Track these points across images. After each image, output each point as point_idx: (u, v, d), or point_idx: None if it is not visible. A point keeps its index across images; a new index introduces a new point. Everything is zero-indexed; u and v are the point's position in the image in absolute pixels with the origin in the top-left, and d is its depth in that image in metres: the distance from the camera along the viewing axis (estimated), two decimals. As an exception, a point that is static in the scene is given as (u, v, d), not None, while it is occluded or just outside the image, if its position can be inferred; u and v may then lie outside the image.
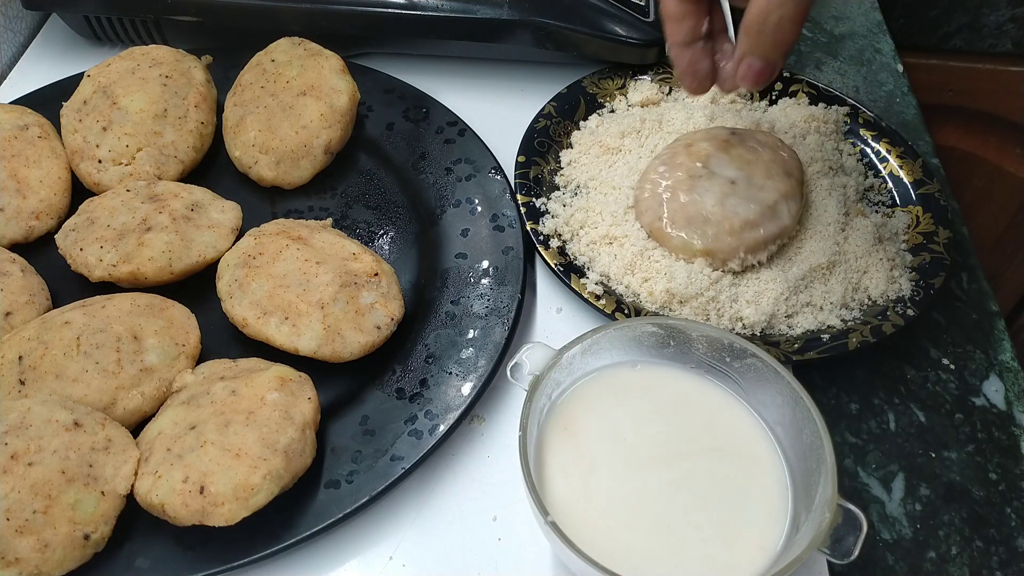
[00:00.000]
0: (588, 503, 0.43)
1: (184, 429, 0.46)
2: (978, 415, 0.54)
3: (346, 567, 0.47)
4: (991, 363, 0.57)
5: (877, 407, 0.55)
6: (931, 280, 0.56)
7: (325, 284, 0.52)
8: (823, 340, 0.54)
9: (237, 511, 0.43)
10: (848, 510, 0.39)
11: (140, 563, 0.45)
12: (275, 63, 0.64)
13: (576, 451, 0.45)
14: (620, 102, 0.68)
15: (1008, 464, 0.52)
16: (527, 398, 0.43)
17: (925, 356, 0.57)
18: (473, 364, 0.52)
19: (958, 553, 0.49)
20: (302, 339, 0.51)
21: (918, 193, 0.62)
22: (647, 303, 0.56)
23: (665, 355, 0.48)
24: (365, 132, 0.66)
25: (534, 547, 0.48)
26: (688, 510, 0.43)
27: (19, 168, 0.59)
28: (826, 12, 0.83)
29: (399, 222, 0.62)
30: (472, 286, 0.57)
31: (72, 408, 0.46)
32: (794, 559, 0.38)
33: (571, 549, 0.38)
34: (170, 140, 0.61)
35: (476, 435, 0.52)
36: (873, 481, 0.52)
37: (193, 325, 0.53)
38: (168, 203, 0.56)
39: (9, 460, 0.43)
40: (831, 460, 0.40)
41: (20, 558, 0.42)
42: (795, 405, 0.43)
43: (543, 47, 0.69)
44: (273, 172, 0.62)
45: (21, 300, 0.53)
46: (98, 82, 0.62)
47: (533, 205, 0.60)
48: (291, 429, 0.46)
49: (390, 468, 0.48)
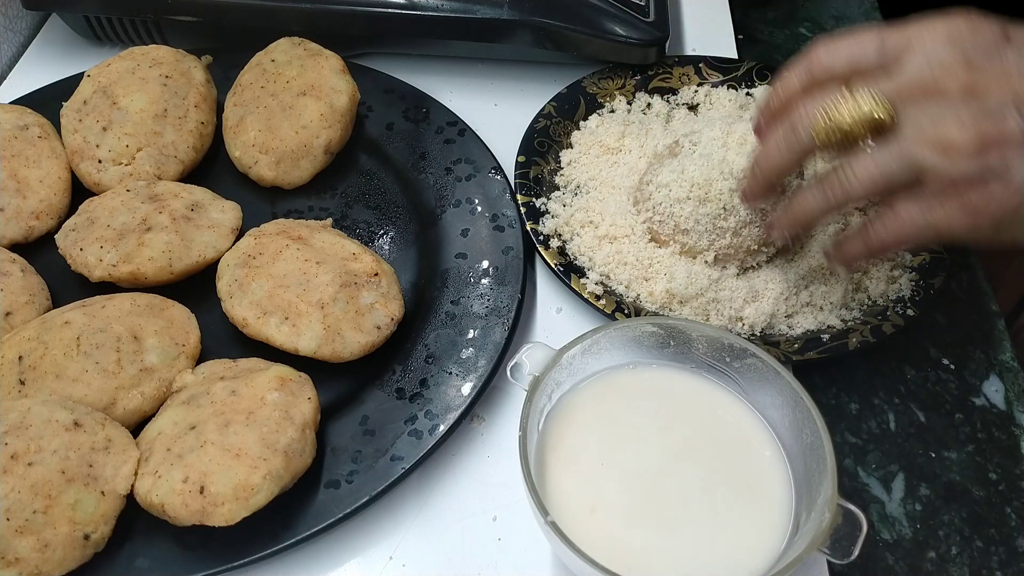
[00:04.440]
0: (588, 503, 0.43)
1: (184, 429, 0.46)
2: (978, 415, 0.54)
3: (346, 567, 0.47)
4: (991, 363, 0.57)
5: (877, 407, 0.55)
6: (931, 280, 0.56)
7: (325, 284, 0.52)
8: (823, 340, 0.54)
9: (237, 511, 0.43)
10: (848, 510, 0.39)
11: (140, 563, 0.45)
12: (275, 63, 0.64)
13: (576, 451, 0.45)
14: (620, 102, 0.68)
15: (1008, 464, 0.52)
16: (527, 398, 0.43)
17: (925, 356, 0.57)
18: (473, 364, 0.52)
19: (958, 553, 0.49)
20: (302, 339, 0.51)
21: (918, 193, 0.62)
22: (647, 303, 0.56)
23: (665, 355, 0.48)
24: (365, 132, 0.66)
25: (534, 547, 0.48)
26: (688, 510, 0.43)
27: (19, 168, 0.59)
28: (826, 12, 0.83)
29: (399, 222, 0.62)
30: (472, 286, 0.57)
31: (72, 408, 0.46)
32: (794, 559, 0.38)
33: (571, 549, 0.38)
34: (170, 140, 0.61)
35: (476, 435, 0.52)
36: (873, 481, 0.52)
37: (193, 325, 0.53)
38: (168, 203, 0.56)
39: (9, 460, 0.43)
40: (831, 460, 0.40)
41: (20, 558, 0.42)
42: (795, 405, 0.43)
43: (543, 47, 0.69)
44: (273, 172, 0.62)
45: (21, 300, 0.53)
46: (98, 82, 0.62)
47: (533, 205, 0.60)
48: (291, 429, 0.46)
49: (390, 468, 0.48)
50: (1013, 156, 0.39)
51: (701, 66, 0.70)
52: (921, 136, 0.40)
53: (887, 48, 0.42)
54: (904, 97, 0.40)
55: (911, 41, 0.41)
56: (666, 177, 0.56)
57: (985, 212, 0.40)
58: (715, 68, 0.70)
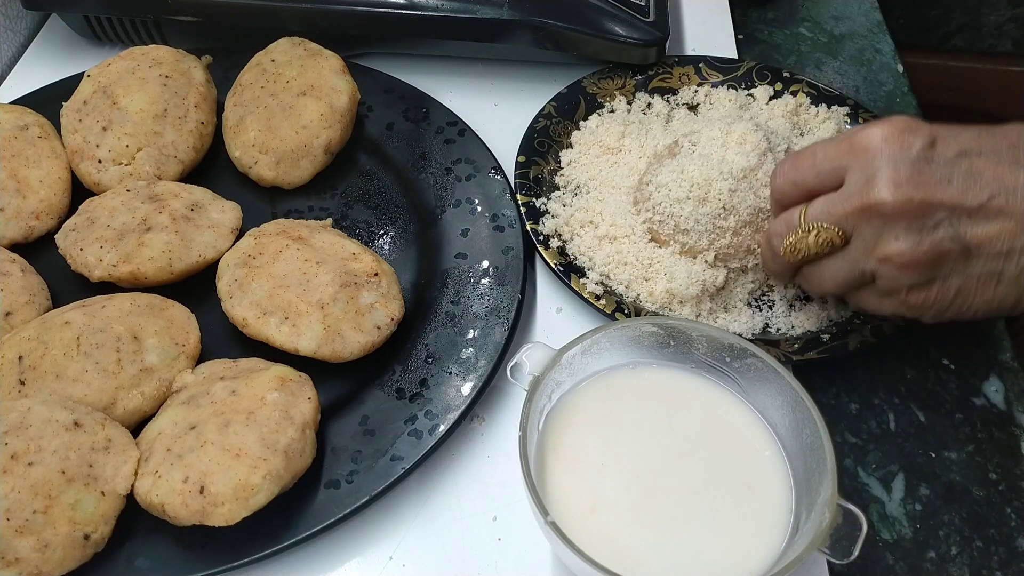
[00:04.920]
0: (588, 503, 0.43)
1: (184, 429, 0.46)
2: (978, 415, 0.54)
3: (346, 567, 0.47)
4: (991, 363, 0.57)
5: (877, 407, 0.55)
6: (931, 280, 0.56)
7: (325, 284, 0.52)
8: (823, 340, 0.54)
9: (237, 511, 0.43)
10: (848, 510, 0.39)
11: (140, 563, 0.45)
12: (275, 63, 0.64)
13: (576, 451, 0.45)
14: (620, 102, 0.68)
15: (1008, 464, 0.52)
16: (527, 398, 0.43)
17: (925, 356, 0.57)
18: (473, 364, 0.52)
19: (958, 553, 0.49)
20: (302, 339, 0.51)
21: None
22: (647, 303, 0.56)
23: (665, 355, 0.48)
24: (365, 132, 0.66)
25: (534, 547, 0.48)
26: (688, 510, 0.43)
27: (19, 168, 0.59)
28: (826, 12, 0.83)
29: (399, 222, 0.62)
30: (472, 286, 0.57)
31: (72, 408, 0.46)
32: (794, 559, 0.38)
33: (571, 549, 0.38)
34: (170, 140, 0.61)
35: (476, 435, 0.52)
36: (873, 481, 0.52)
37: (193, 325, 0.53)
38: (168, 203, 0.56)
39: (9, 460, 0.43)
40: (831, 460, 0.40)
41: (20, 558, 0.42)
42: (795, 405, 0.43)
43: (543, 47, 0.69)
44: (273, 172, 0.62)
45: (21, 300, 0.53)
46: (98, 82, 0.62)
47: (533, 205, 0.60)
48: (291, 429, 0.46)
49: (390, 468, 0.48)
50: (948, 264, 0.44)
51: (701, 66, 0.70)
52: (867, 252, 0.45)
53: (825, 170, 0.47)
54: (849, 218, 0.45)
55: (849, 161, 0.45)
56: (666, 177, 0.56)
57: (923, 308, 0.46)
58: (715, 68, 0.70)
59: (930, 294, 0.45)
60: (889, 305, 0.47)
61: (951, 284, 0.45)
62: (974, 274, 0.44)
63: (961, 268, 0.44)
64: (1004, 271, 0.44)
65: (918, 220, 0.43)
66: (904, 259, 0.44)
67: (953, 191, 0.43)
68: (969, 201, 0.43)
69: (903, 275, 0.45)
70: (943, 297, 0.45)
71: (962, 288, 0.45)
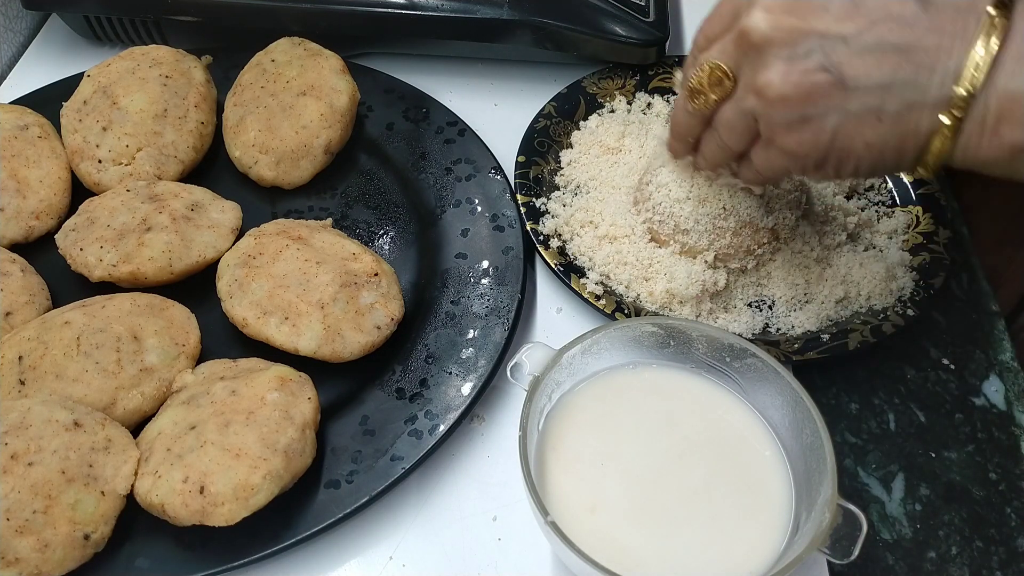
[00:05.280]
0: (588, 503, 0.43)
1: (184, 429, 0.46)
2: (978, 415, 0.54)
3: (346, 567, 0.47)
4: (991, 363, 0.57)
5: (877, 407, 0.55)
6: (931, 280, 0.56)
7: (325, 284, 0.52)
8: (823, 340, 0.54)
9: (237, 511, 0.43)
10: (848, 510, 0.39)
11: (140, 563, 0.45)
12: (275, 63, 0.64)
13: (576, 451, 0.45)
14: (620, 102, 0.68)
15: (1008, 464, 0.52)
16: (527, 398, 0.43)
17: (925, 356, 0.57)
18: (473, 364, 0.52)
19: (958, 553, 0.49)
20: (302, 339, 0.51)
21: (918, 193, 0.62)
22: (647, 303, 0.56)
23: (665, 355, 0.48)
24: (365, 132, 0.66)
25: (534, 547, 0.48)
26: (688, 510, 0.43)
27: (19, 168, 0.59)
28: (826, 12, 0.83)
29: (399, 222, 0.62)
30: (472, 286, 0.57)
31: (72, 408, 0.46)
32: (794, 559, 0.38)
33: (571, 549, 0.38)
34: (170, 140, 0.61)
35: (476, 435, 0.53)
36: (873, 481, 0.52)
37: (193, 325, 0.53)
38: (168, 203, 0.56)
39: (9, 460, 0.43)
40: (831, 460, 0.40)
41: (20, 558, 0.42)
42: (795, 405, 0.43)
43: (543, 47, 0.69)
44: (273, 172, 0.62)
45: (21, 300, 0.53)
46: (98, 82, 0.62)
47: (533, 205, 0.60)
48: (291, 429, 0.46)
49: (390, 468, 0.48)
50: (822, 99, 0.40)
51: (701, 66, 0.70)
52: (746, 87, 0.42)
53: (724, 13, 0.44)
54: (729, 50, 0.43)
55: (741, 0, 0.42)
56: (666, 177, 0.56)
57: (801, 155, 0.42)
58: (715, 68, 0.70)
59: (804, 135, 0.42)
60: (769, 158, 0.44)
61: (827, 123, 0.41)
62: (852, 111, 0.41)
63: (838, 104, 0.40)
64: (884, 106, 0.40)
65: (787, 47, 0.40)
66: (774, 90, 0.41)
67: (829, 18, 0.40)
68: (846, 29, 0.39)
69: (775, 111, 0.41)
70: (820, 139, 0.42)
71: (840, 128, 0.41)
